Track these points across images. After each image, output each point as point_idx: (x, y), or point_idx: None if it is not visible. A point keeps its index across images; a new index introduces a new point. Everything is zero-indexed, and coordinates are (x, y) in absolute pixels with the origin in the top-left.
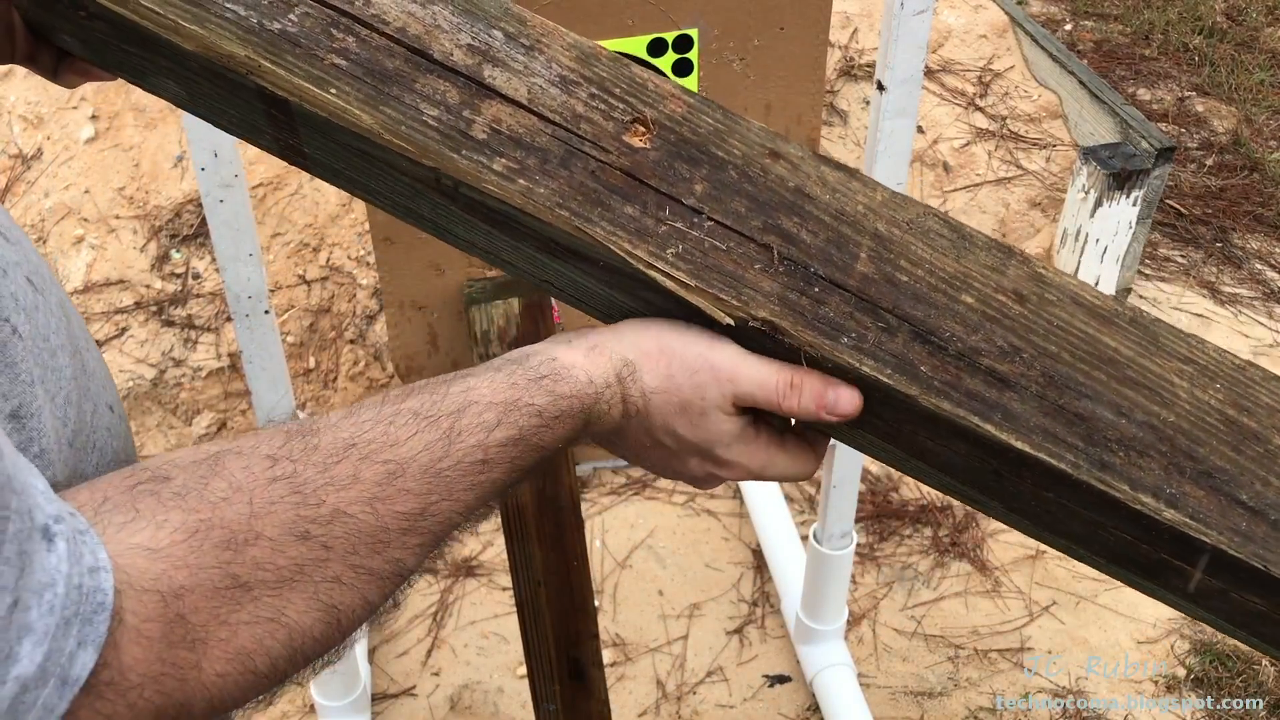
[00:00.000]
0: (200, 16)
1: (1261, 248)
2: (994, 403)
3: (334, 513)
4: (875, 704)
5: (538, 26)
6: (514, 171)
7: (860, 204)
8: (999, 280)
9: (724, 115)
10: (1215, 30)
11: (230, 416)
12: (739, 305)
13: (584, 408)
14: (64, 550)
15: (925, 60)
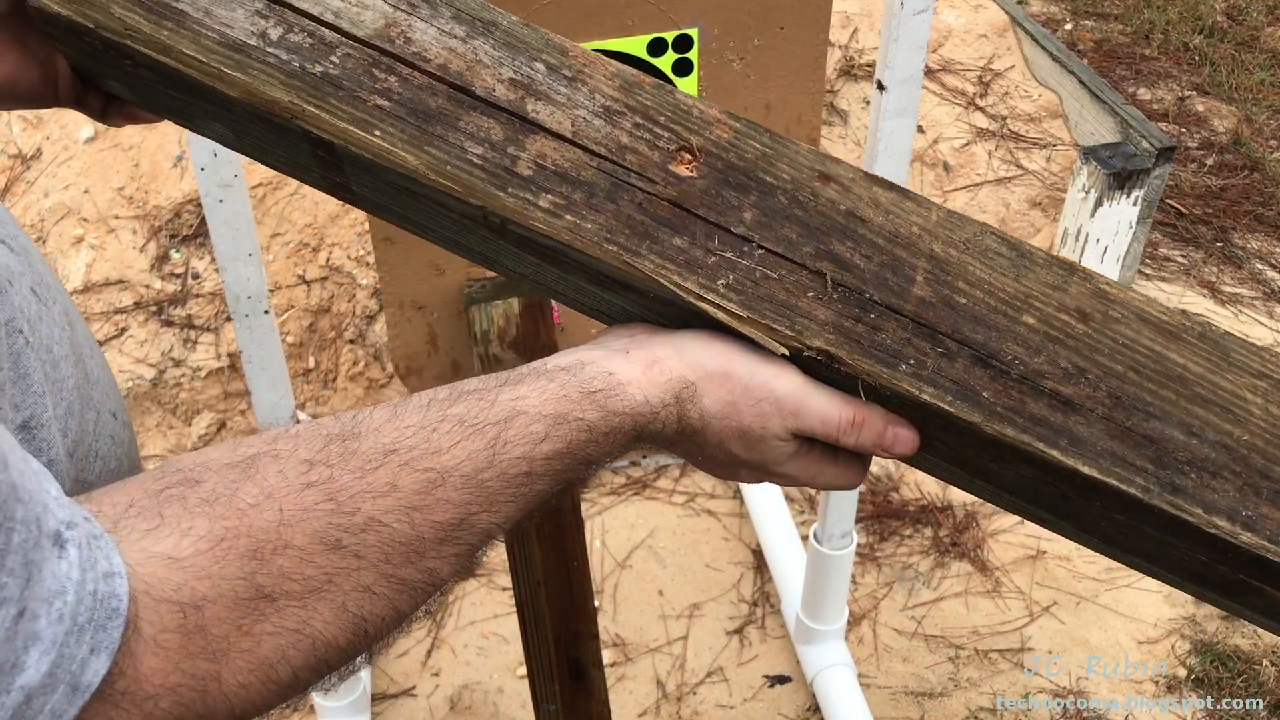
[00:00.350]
0: (243, 63)
1: (1262, 247)
2: (1059, 427)
3: (368, 521)
4: (876, 704)
5: (579, 57)
6: (560, 207)
7: (915, 225)
8: (1061, 299)
9: (771, 139)
10: (1215, 30)
11: (230, 416)
12: (793, 335)
13: (636, 426)
14: (75, 556)
15: (925, 60)
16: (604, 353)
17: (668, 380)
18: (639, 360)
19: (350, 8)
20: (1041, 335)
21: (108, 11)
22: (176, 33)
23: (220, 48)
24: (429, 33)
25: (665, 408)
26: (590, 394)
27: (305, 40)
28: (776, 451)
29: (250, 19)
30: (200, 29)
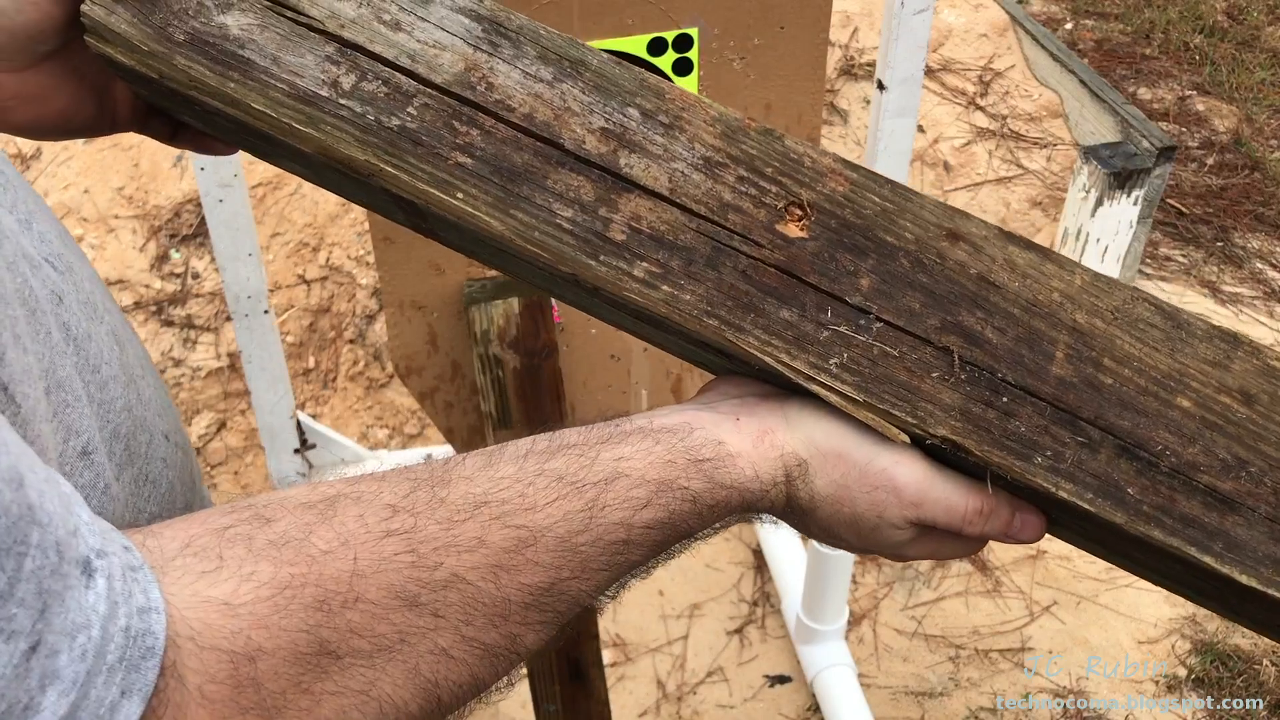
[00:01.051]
0: (314, 118)
1: (1262, 247)
2: (1214, 529)
3: (451, 577)
4: (876, 704)
5: (677, 99)
6: (656, 277)
7: (1056, 291)
8: (1221, 378)
9: (893, 191)
10: (1216, 29)
11: (230, 416)
12: (914, 422)
13: (744, 502)
14: (104, 588)
15: (926, 59)
16: (712, 416)
17: (779, 455)
18: (750, 430)
19: (427, 50)
20: (1198, 421)
21: (171, 63)
22: (243, 84)
23: (290, 100)
24: (513, 76)
25: (775, 486)
26: (697, 462)
27: (380, 89)
28: (891, 539)
29: (320, 65)
30: (268, 79)
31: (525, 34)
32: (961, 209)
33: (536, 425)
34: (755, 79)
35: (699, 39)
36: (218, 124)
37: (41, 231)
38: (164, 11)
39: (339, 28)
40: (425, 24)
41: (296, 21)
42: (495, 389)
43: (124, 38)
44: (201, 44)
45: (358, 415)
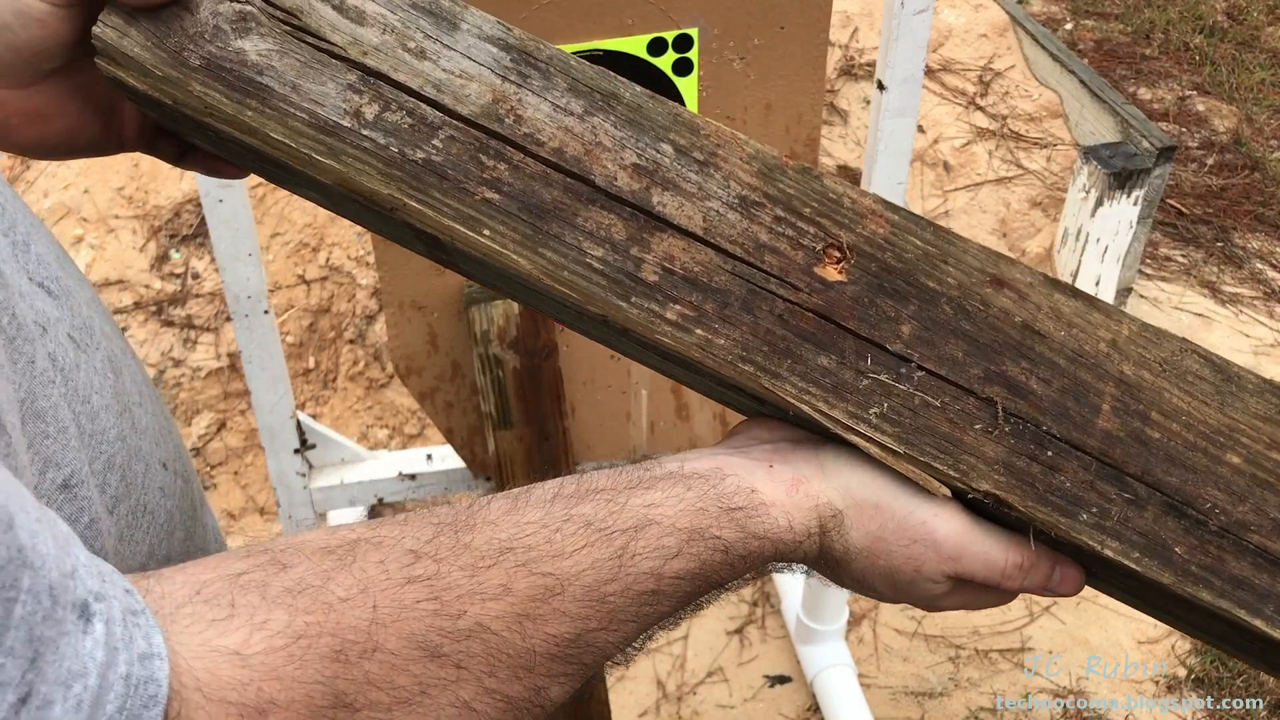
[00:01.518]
0: (335, 149)
1: (1262, 247)
2: (1264, 591)
3: (475, 627)
4: (876, 704)
5: (712, 136)
6: (690, 320)
7: (1102, 341)
8: (1273, 433)
9: (935, 234)
10: (1216, 29)
11: (230, 416)
12: (957, 475)
13: (776, 552)
14: (102, 633)
15: (925, 59)
16: (744, 462)
17: (813, 506)
18: (783, 479)
19: (454, 79)
20: (1248, 478)
21: (186, 89)
22: (261, 112)
23: (310, 129)
24: (542, 109)
25: (810, 537)
26: (730, 510)
27: (404, 120)
28: (927, 592)
29: (342, 94)
30: (287, 107)
31: (555, 65)
32: (1005, 254)
33: (536, 425)
34: (755, 79)
35: (699, 39)
36: (231, 150)
37: (40, 254)
38: (179, 35)
39: (361, 55)
40: (452, 52)
41: (317, 48)
42: (495, 389)
43: (137, 61)
44: (218, 69)
45: (358, 415)
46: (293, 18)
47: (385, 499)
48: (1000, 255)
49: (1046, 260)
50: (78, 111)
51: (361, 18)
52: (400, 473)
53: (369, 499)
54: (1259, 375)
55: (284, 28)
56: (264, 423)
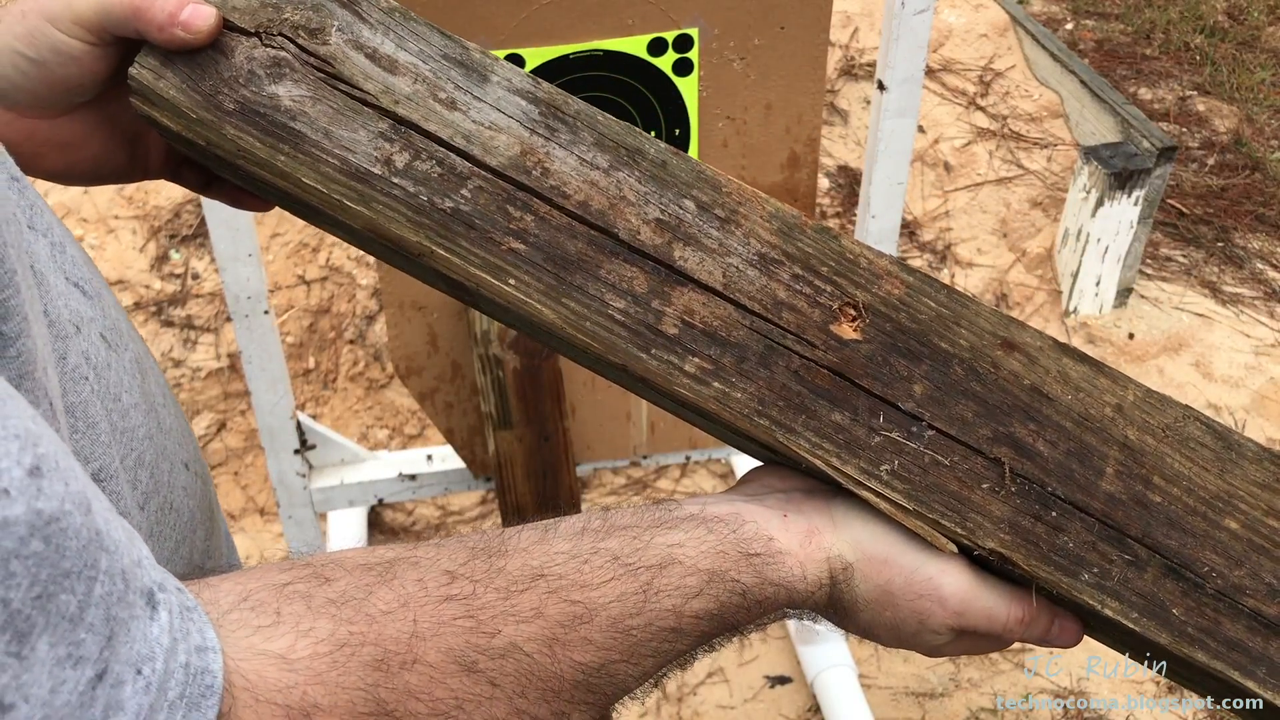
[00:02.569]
0: (366, 195)
1: (1263, 247)
2: (1258, 654)
3: (509, 646)
4: (876, 705)
5: (734, 194)
6: (708, 373)
7: (1108, 406)
8: (1271, 500)
9: (949, 297)
10: (1216, 29)
11: (230, 417)
12: (964, 533)
13: (789, 600)
14: (166, 621)
15: (926, 59)
16: (761, 510)
17: (825, 558)
18: (797, 529)
19: (483, 131)
20: (1245, 544)
21: (220, 132)
22: (294, 158)
23: (341, 176)
24: (569, 162)
25: (821, 588)
26: (748, 556)
27: (434, 170)
28: (930, 642)
29: (373, 142)
30: (319, 153)
31: (582, 119)
32: (1017, 319)
33: (536, 425)
34: (755, 79)
35: (699, 39)
36: (260, 188)
37: (74, 255)
38: (214, 79)
39: (393, 104)
40: (481, 104)
41: (350, 95)
42: (495, 389)
43: (172, 104)
44: (252, 114)
45: (358, 416)
46: (326, 65)
47: (385, 499)
48: (1011, 319)
49: (1047, 260)
50: (105, 140)
51: (394, 67)
52: (400, 473)
53: (369, 499)
54: (1258, 443)
55: (317, 74)
56: (264, 423)
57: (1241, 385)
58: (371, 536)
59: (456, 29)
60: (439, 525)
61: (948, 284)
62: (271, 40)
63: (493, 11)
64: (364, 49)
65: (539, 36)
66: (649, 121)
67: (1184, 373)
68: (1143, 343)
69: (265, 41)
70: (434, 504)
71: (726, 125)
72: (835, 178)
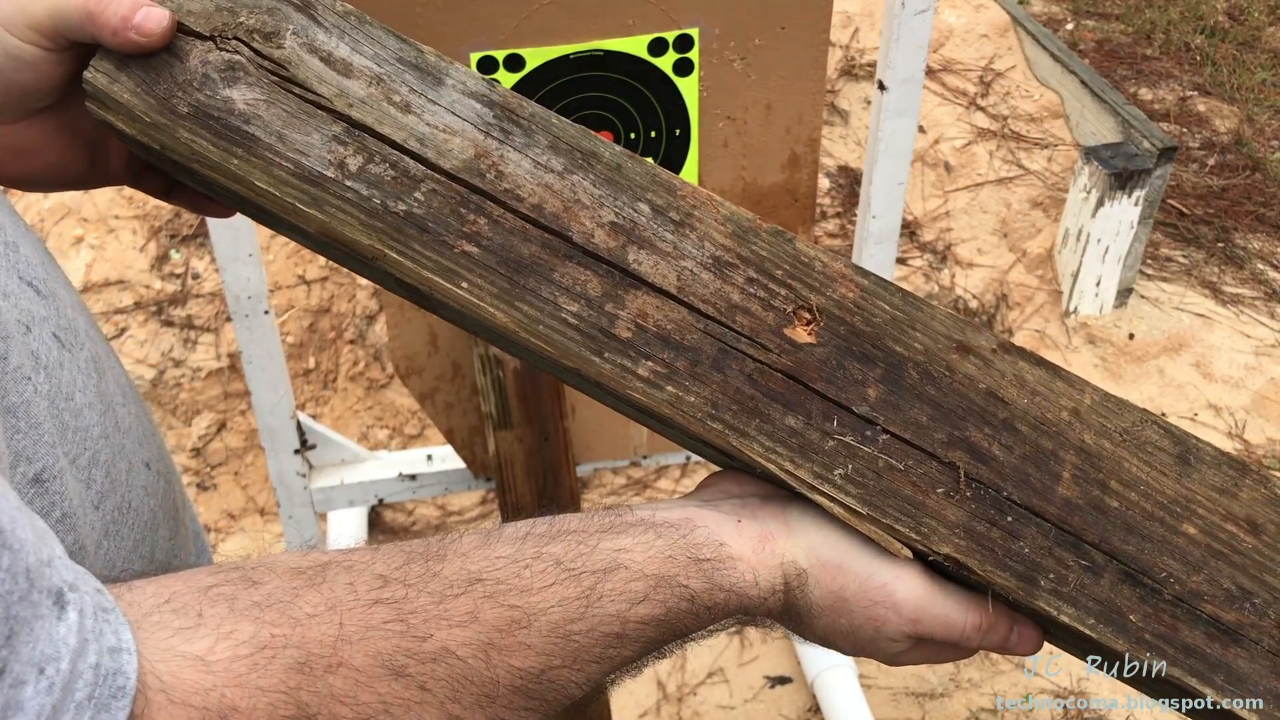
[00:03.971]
0: (319, 198)
1: (1263, 248)
2: (1215, 661)
3: (440, 650)
4: (876, 705)
5: (689, 197)
6: (661, 376)
7: (1064, 410)
8: (1229, 506)
9: (904, 300)
10: (1217, 30)
11: (230, 417)
12: (918, 538)
13: (741, 606)
14: (75, 621)
15: (926, 60)
16: (714, 515)
17: (779, 563)
18: (751, 534)
19: (437, 134)
20: (1203, 549)
21: (173, 135)
22: (247, 161)
23: (294, 179)
24: (523, 165)
25: (774, 594)
26: (698, 561)
27: (387, 172)
28: (887, 650)
29: (327, 145)
30: (272, 156)
31: (537, 122)
32: (972, 321)
33: (536, 425)
34: (756, 79)
35: (700, 39)
36: (216, 192)
37: (27, 255)
38: (168, 82)
39: (347, 106)
40: (436, 107)
41: (304, 98)
42: (495, 389)
43: (126, 107)
44: (205, 117)
45: (358, 416)
46: (281, 68)
47: (386, 499)
48: (966, 322)
49: (1047, 261)
50: (64, 147)
51: (349, 70)
52: (400, 473)
53: (369, 499)
54: (1215, 448)
55: (272, 78)
56: (264, 423)
57: (1242, 386)
58: (372, 536)
59: (457, 29)
60: (439, 525)
61: (902, 287)
62: (226, 44)
63: (493, 11)
64: (319, 52)
65: (539, 36)
66: (649, 122)
67: (1184, 373)
68: (1143, 343)
69: (220, 45)
70: (434, 504)
71: (727, 125)
72: (836, 178)
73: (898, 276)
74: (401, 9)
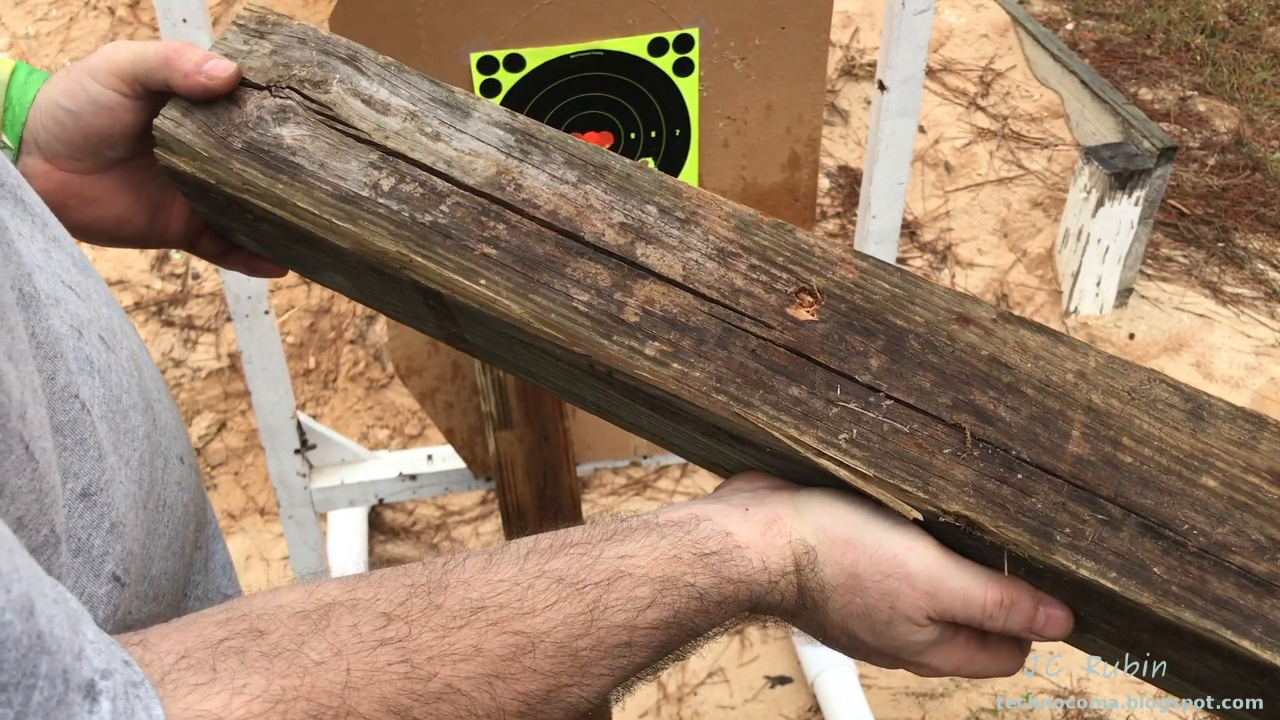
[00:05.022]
0: (353, 214)
1: (1263, 248)
2: (1251, 612)
3: (445, 689)
4: (877, 705)
5: (694, 198)
6: (668, 355)
7: (1069, 372)
8: (1249, 458)
9: (903, 278)
10: (1217, 29)
11: (230, 417)
12: (926, 498)
13: (752, 596)
14: (108, 711)
15: (926, 60)
16: (721, 507)
17: (788, 543)
18: (758, 519)
19: (463, 157)
20: (1226, 501)
21: (228, 168)
22: (291, 186)
23: (333, 200)
24: (540, 178)
25: (785, 576)
26: (703, 556)
27: (416, 190)
28: (910, 638)
29: (364, 170)
30: (314, 181)
31: (554, 143)
32: (971, 294)
33: (537, 425)
34: (756, 79)
35: (700, 39)
36: (265, 233)
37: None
38: (226, 124)
39: (384, 138)
40: (463, 135)
41: (345, 133)
42: (496, 389)
43: (188, 146)
44: (257, 151)
45: (358, 416)
46: (326, 109)
47: (386, 499)
48: (965, 295)
49: (1047, 260)
50: (129, 203)
51: (386, 109)
52: (401, 473)
53: (369, 499)
54: (1229, 403)
55: (317, 117)
56: (264, 423)
57: (1242, 385)
58: (372, 536)
59: (457, 29)
60: (439, 525)
61: (901, 267)
62: (280, 92)
63: (493, 11)
64: (361, 95)
65: (540, 36)
66: (649, 122)
67: (1184, 373)
68: (1143, 343)
69: (274, 93)
70: (434, 504)
71: (727, 125)
72: (836, 178)
73: None
74: (402, 9)
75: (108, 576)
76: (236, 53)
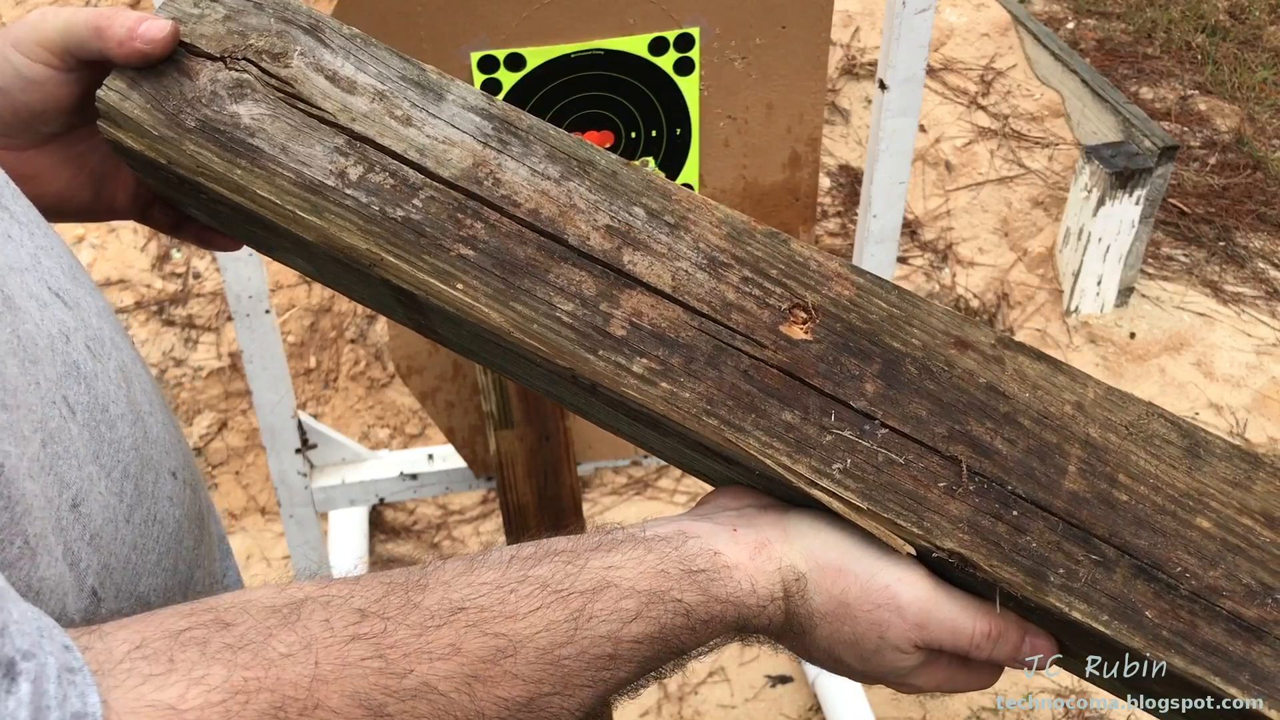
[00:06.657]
0: (319, 206)
1: (1264, 247)
2: (1239, 659)
3: (421, 686)
4: (877, 704)
5: (683, 201)
6: (656, 373)
7: (1068, 403)
8: (1243, 499)
9: (900, 297)
10: (1218, 28)
11: (231, 416)
12: (920, 533)
13: (740, 618)
14: (28, 693)
15: (927, 59)
16: (708, 526)
17: (777, 569)
18: (747, 542)
19: (437, 145)
20: (1219, 543)
21: (180, 149)
22: (250, 171)
23: (296, 188)
24: (520, 173)
25: (774, 601)
26: (691, 573)
27: (387, 181)
28: (897, 664)
29: (329, 156)
30: (275, 167)
31: (535, 133)
32: (971, 317)
33: (538, 425)
34: (757, 78)
35: (700, 38)
36: (220, 213)
37: (50, 266)
38: (177, 99)
39: (350, 121)
40: (437, 120)
41: (308, 113)
42: (496, 388)
43: (136, 123)
44: (212, 131)
45: (359, 415)
46: (287, 85)
47: (387, 499)
48: (964, 318)
49: (1048, 260)
50: (70, 178)
51: (353, 87)
52: (401, 472)
53: (370, 499)
54: (1225, 440)
55: (277, 94)
56: (265, 422)
57: (1243, 385)
58: (373, 536)
59: (457, 28)
60: (440, 524)
61: (898, 285)
62: (235, 64)
63: (493, 11)
64: (324, 71)
65: (540, 36)
66: (650, 121)
67: (1185, 372)
68: (1144, 342)
69: (229, 65)
70: (435, 503)
71: (728, 125)
72: (836, 177)
73: (898, 276)
74: (402, 8)
75: (88, 591)
76: (186, 16)
